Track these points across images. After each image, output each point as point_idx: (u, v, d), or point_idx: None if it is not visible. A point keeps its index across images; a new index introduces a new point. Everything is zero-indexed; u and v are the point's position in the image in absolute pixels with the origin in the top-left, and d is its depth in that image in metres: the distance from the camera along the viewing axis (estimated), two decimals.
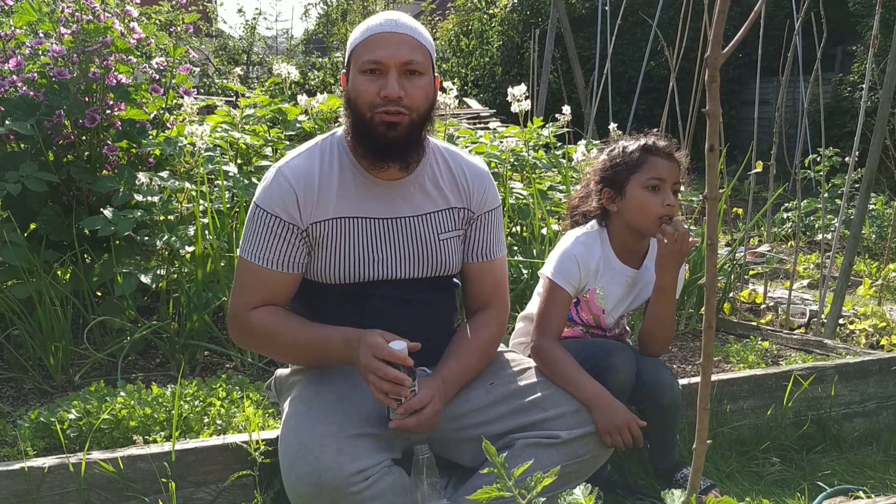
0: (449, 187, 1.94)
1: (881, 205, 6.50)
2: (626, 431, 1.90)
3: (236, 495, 1.93)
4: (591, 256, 2.14)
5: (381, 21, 1.81)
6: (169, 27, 5.32)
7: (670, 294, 2.12)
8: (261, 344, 1.95)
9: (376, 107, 1.76)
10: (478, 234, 1.98)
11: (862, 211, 3.50)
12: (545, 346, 2.04)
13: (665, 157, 2.12)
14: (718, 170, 1.70)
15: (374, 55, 1.76)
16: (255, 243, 1.84)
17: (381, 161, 1.81)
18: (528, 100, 3.64)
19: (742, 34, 0.94)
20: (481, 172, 1.99)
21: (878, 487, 2.31)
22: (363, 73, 1.77)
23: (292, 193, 1.81)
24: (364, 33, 1.80)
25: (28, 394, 2.50)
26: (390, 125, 1.77)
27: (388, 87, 1.75)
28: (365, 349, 1.71)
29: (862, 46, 10.16)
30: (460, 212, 1.95)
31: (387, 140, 1.78)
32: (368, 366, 1.70)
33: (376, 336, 1.72)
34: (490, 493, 1.17)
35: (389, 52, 1.76)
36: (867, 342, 3.43)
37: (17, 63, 2.95)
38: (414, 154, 1.84)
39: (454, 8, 16.53)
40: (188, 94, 3.35)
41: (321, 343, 1.82)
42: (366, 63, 1.77)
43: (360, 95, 1.78)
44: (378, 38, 1.77)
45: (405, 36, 1.79)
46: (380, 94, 1.75)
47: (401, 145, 1.80)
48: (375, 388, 1.70)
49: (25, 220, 2.93)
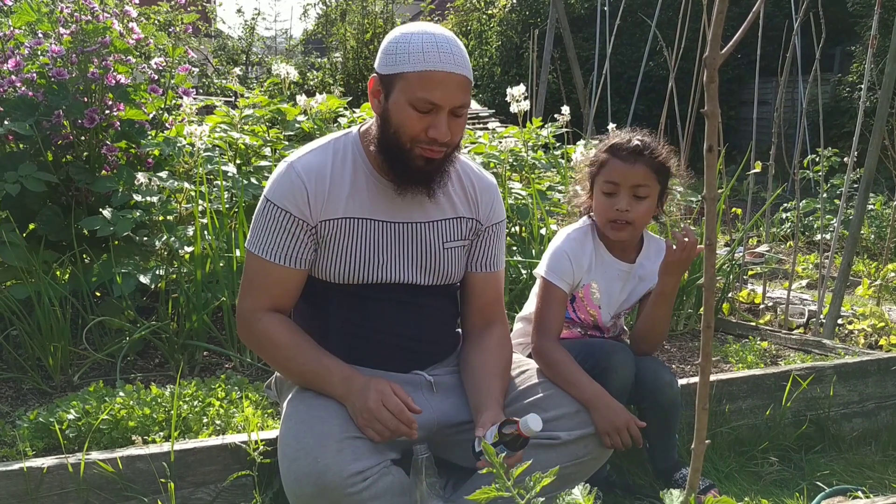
0: (459, 197, 1.95)
1: (880, 205, 6.50)
2: (625, 432, 1.90)
3: (235, 495, 1.93)
4: (583, 252, 2.14)
5: (438, 53, 1.71)
6: (168, 27, 5.32)
7: (671, 297, 2.12)
8: (264, 351, 1.94)
9: (419, 142, 1.74)
10: (484, 245, 1.99)
11: (861, 211, 3.50)
12: (545, 347, 2.04)
13: (627, 158, 2.08)
14: (717, 170, 1.70)
15: (431, 96, 1.70)
16: (264, 238, 1.84)
17: (407, 186, 1.82)
18: (527, 100, 3.65)
19: (741, 34, 0.94)
20: (490, 185, 2.00)
21: (876, 487, 2.31)
22: (413, 107, 1.72)
23: (303, 189, 1.80)
24: (420, 62, 1.71)
25: (27, 394, 2.50)
26: (429, 161, 1.77)
27: (441, 132, 1.72)
28: (375, 395, 1.72)
29: (861, 47, 10.17)
30: (469, 222, 1.95)
31: (422, 172, 1.79)
32: (376, 412, 1.71)
33: (385, 384, 1.74)
34: (489, 493, 1.17)
35: (447, 96, 1.71)
36: (866, 342, 3.43)
37: (16, 63, 2.95)
38: (439, 180, 1.84)
39: (453, 8, 16.55)
40: (187, 94, 3.35)
41: (321, 370, 1.82)
42: (421, 101, 1.71)
43: (404, 126, 1.74)
44: (438, 77, 1.71)
45: (461, 77, 1.74)
46: (427, 133, 1.73)
47: (432, 176, 1.81)
48: (374, 432, 1.72)
49: (24, 221, 2.93)
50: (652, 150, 2.09)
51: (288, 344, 1.84)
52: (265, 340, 1.86)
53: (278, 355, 1.87)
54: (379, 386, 1.73)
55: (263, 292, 1.86)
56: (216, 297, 2.81)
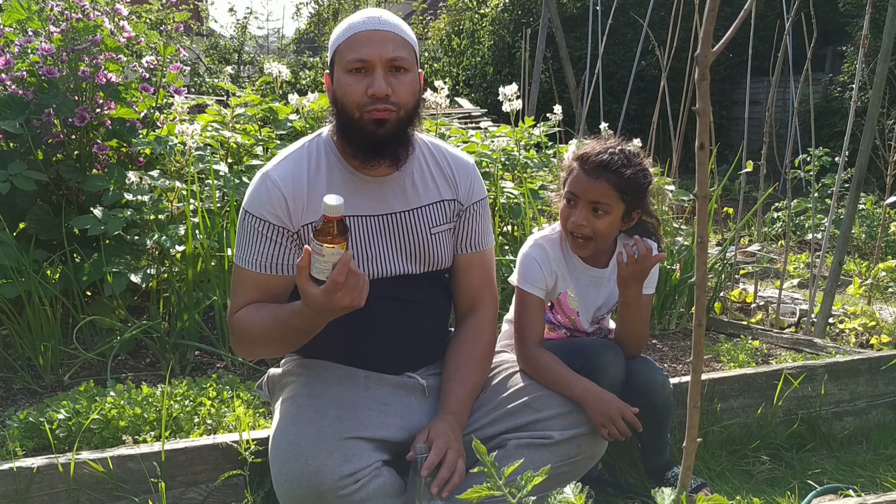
0: (437, 180, 1.94)
1: (871, 204, 6.53)
2: (619, 420, 1.88)
3: (226, 495, 1.93)
4: (551, 258, 2.10)
5: (363, 18, 1.79)
6: (159, 26, 5.30)
7: (636, 307, 2.05)
8: (244, 340, 1.86)
9: (364, 106, 1.75)
10: (467, 225, 1.98)
11: (852, 210, 3.52)
12: (529, 354, 2.02)
13: (590, 172, 2.01)
14: (709, 169, 1.70)
15: (359, 54, 1.75)
16: (247, 249, 1.83)
17: (371, 159, 1.81)
18: (520, 99, 3.64)
19: (732, 32, 0.94)
20: (466, 163, 2.00)
21: (867, 486, 2.32)
22: (349, 73, 1.76)
23: (281, 197, 1.80)
24: (347, 31, 1.78)
25: (17, 394, 2.49)
26: (379, 122, 1.76)
27: (376, 86, 1.74)
28: (320, 294, 1.57)
29: (852, 47, 10.21)
30: (451, 204, 1.95)
31: (376, 138, 1.77)
32: (333, 297, 1.56)
33: (301, 282, 1.60)
34: (480, 493, 1.17)
35: (375, 50, 1.75)
36: (857, 341, 3.44)
37: (6, 61, 2.94)
38: (403, 150, 1.83)
39: (446, 8, 16.53)
40: (178, 92, 3.34)
41: (288, 310, 1.72)
42: (351, 62, 1.75)
43: (347, 95, 1.77)
44: (362, 37, 1.76)
45: (389, 33, 1.77)
46: (367, 93, 1.74)
47: (390, 142, 1.79)
48: (351, 298, 1.58)
49: (14, 220, 2.92)
50: (620, 166, 1.99)
51: (255, 319, 1.79)
52: (239, 330, 1.82)
53: (254, 336, 1.81)
54: (307, 290, 1.58)
55: (244, 298, 1.84)
56: (207, 297, 2.80)
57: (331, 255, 1.54)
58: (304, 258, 1.56)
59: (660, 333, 3.47)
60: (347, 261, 1.54)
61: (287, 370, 1.98)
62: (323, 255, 1.54)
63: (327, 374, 1.88)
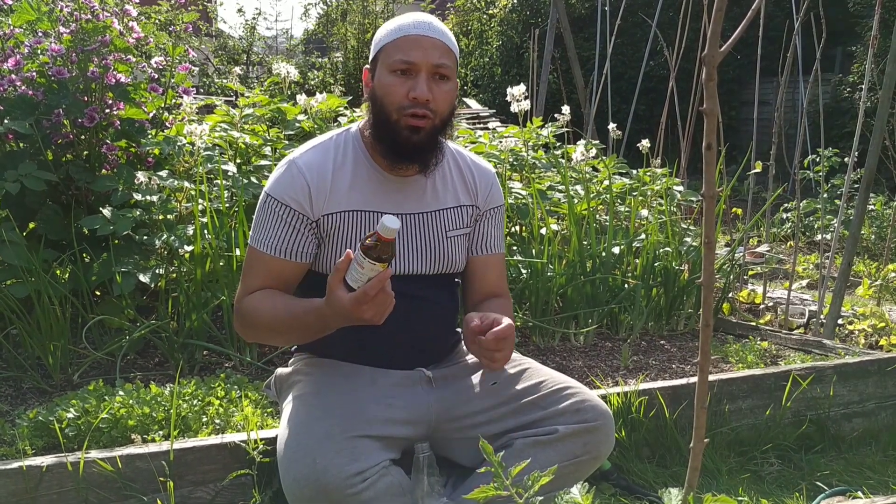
0: (458, 185, 1.97)
1: (880, 205, 6.51)
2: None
3: (235, 494, 1.93)
4: None
5: (413, 22, 1.81)
6: (168, 26, 5.32)
7: None
8: (251, 327, 1.87)
9: (404, 108, 1.77)
10: (483, 229, 2.01)
11: (861, 211, 3.50)
12: None
13: None
14: (717, 169, 1.70)
15: (406, 55, 1.76)
16: (265, 232, 1.85)
17: (400, 162, 1.84)
18: (528, 100, 3.64)
19: (740, 32, 0.94)
20: (488, 172, 2.04)
21: (876, 488, 2.31)
22: (393, 73, 1.78)
23: (305, 185, 1.82)
24: (396, 32, 1.80)
25: (27, 393, 2.50)
26: (414, 129, 1.78)
27: (419, 89, 1.75)
28: (347, 302, 1.59)
29: (861, 47, 10.17)
30: (469, 209, 1.98)
31: (410, 144, 1.79)
32: (361, 307, 1.57)
33: (333, 285, 1.61)
34: (487, 493, 1.17)
35: (422, 54, 1.76)
36: (866, 342, 3.43)
37: (16, 62, 2.95)
38: (433, 157, 1.86)
39: (454, 8, 16.55)
40: (187, 93, 3.35)
41: (304, 306, 1.74)
42: (397, 63, 1.77)
43: (388, 95, 1.78)
44: (411, 39, 1.78)
45: (437, 40, 1.80)
46: (409, 96, 1.76)
47: (422, 149, 1.82)
48: (375, 314, 1.60)
49: (24, 220, 2.93)
50: None
51: (267, 306, 1.80)
52: (249, 314, 1.84)
53: (262, 323, 1.82)
54: (336, 292, 1.60)
55: (257, 281, 1.86)
56: (216, 297, 2.81)
57: (370, 270, 1.57)
58: (344, 262, 1.59)
59: (668, 334, 3.47)
60: (384, 279, 1.57)
61: (295, 369, 1.99)
62: (363, 268, 1.57)
63: (335, 372, 1.89)
